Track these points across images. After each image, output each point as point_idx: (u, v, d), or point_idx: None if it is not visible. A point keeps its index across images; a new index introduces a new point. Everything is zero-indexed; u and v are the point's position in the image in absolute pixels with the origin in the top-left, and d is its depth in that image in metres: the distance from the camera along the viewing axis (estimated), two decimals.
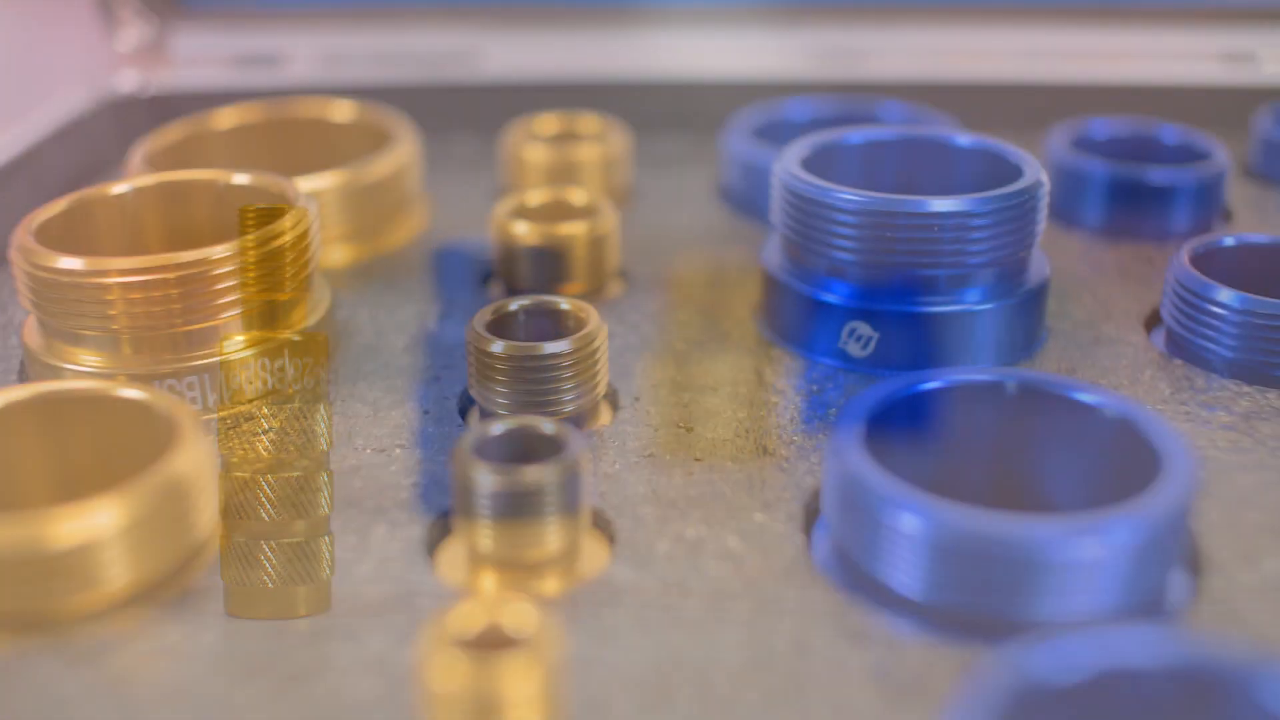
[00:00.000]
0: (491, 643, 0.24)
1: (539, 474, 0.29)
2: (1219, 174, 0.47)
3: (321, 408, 0.37)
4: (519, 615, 0.25)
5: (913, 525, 0.27)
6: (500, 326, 0.36)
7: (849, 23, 0.57)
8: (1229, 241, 0.40)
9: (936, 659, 0.27)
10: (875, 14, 0.58)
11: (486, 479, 0.29)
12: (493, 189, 0.52)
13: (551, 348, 0.35)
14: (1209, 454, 0.34)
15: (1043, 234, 0.46)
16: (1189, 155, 0.49)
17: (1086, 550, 0.27)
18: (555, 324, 0.36)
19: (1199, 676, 0.21)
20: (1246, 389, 0.37)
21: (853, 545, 0.29)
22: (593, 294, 0.42)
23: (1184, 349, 0.38)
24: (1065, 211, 0.48)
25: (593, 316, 0.36)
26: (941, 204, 0.36)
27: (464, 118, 0.56)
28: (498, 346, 0.35)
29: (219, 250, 0.36)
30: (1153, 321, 0.41)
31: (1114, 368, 0.38)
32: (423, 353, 0.39)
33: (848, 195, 0.37)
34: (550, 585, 0.30)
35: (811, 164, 0.39)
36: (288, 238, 0.37)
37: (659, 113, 0.55)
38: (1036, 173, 0.38)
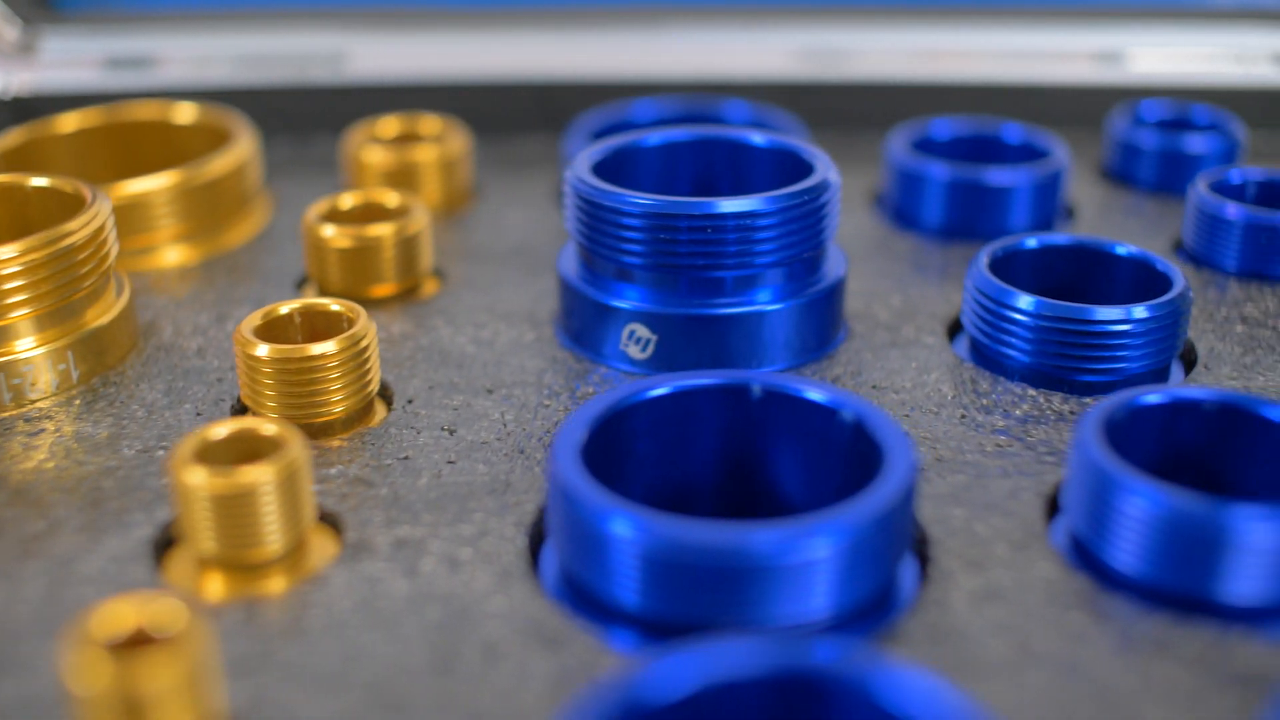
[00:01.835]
0: (135, 641, 0.24)
1: (256, 475, 0.29)
2: (1056, 173, 0.46)
3: (99, 408, 0.37)
4: (165, 613, 0.24)
5: (623, 535, 0.27)
6: (271, 330, 0.36)
7: (706, 23, 0.56)
8: (1031, 243, 0.39)
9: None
10: (739, 14, 0.57)
11: (202, 481, 0.29)
12: (337, 191, 0.52)
13: (317, 349, 0.35)
14: (971, 458, 0.33)
15: (878, 234, 0.47)
16: (1031, 155, 0.48)
17: (795, 554, 0.26)
18: (327, 326, 0.36)
19: (801, 683, 0.21)
20: (1033, 393, 0.36)
21: (568, 555, 0.29)
22: (404, 295, 0.42)
23: (981, 353, 0.38)
24: (905, 213, 0.47)
25: (361, 317, 0.36)
26: (724, 205, 0.36)
27: (330, 119, 0.56)
28: (262, 350, 0.35)
29: (6, 250, 0.36)
30: (959, 324, 0.40)
31: (901, 369, 0.37)
32: (214, 355, 0.39)
33: (630, 198, 0.36)
34: (274, 585, 0.30)
35: (606, 168, 0.39)
36: (78, 237, 0.37)
37: (520, 114, 0.55)
38: (826, 172, 0.37)
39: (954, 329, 0.40)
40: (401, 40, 0.57)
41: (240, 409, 0.36)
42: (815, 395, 0.30)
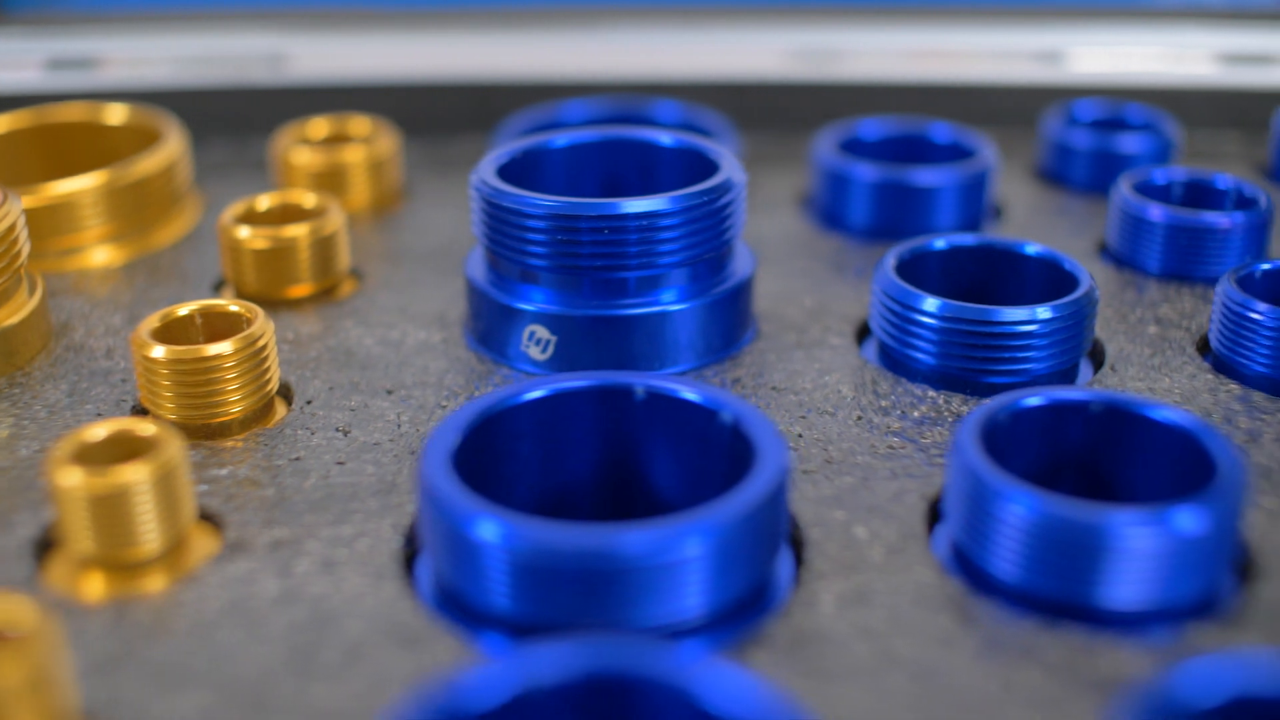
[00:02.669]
0: None
1: (130, 475, 0.29)
2: (982, 173, 0.46)
3: (1, 408, 0.37)
4: (13, 613, 0.24)
5: (489, 539, 0.27)
6: (171, 332, 0.36)
7: (643, 23, 0.56)
8: (940, 245, 0.39)
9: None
10: (675, 14, 0.57)
11: (78, 481, 0.29)
12: (269, 192, 0.52)
13: (213, 349, 0.35)
14: (861, 460, 0.33)
15: (803, 235, 0.46)
16: (959, 155, 0.48)
17: (659, 555, 0.26)
18: (228, 327, 0.36)
19: (617, 686, 0.21)
20: (932, 394, 0.36)
21: (439, 559, 0.28)
22: (320, 295, 0.42)
23: (889, 355, 0.38)
24: (832, 214, 0.47)
25: (259, 318, 0.36)
26: (624, 206, 0.36)
27: (270, 120, 0.56)
28: (158, 351, 0.35)
29: None
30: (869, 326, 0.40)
31: (803, 371, 0.37)
32: (121, 356, 0.39)
33: (531, 199, 0.36)
34: (153, 584, 0.30)
35: (514, 170, 0.39)
36: None
37: (457, 115, 0.55)
38: (730, 171, 0.37)
39: (864, 331, 0.40)
40: (342, 41, 0.57)
41: (141, 411, 0.36)
42: (693, 396, 0.30)
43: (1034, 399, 0.30)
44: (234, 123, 0.54)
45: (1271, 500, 0.32)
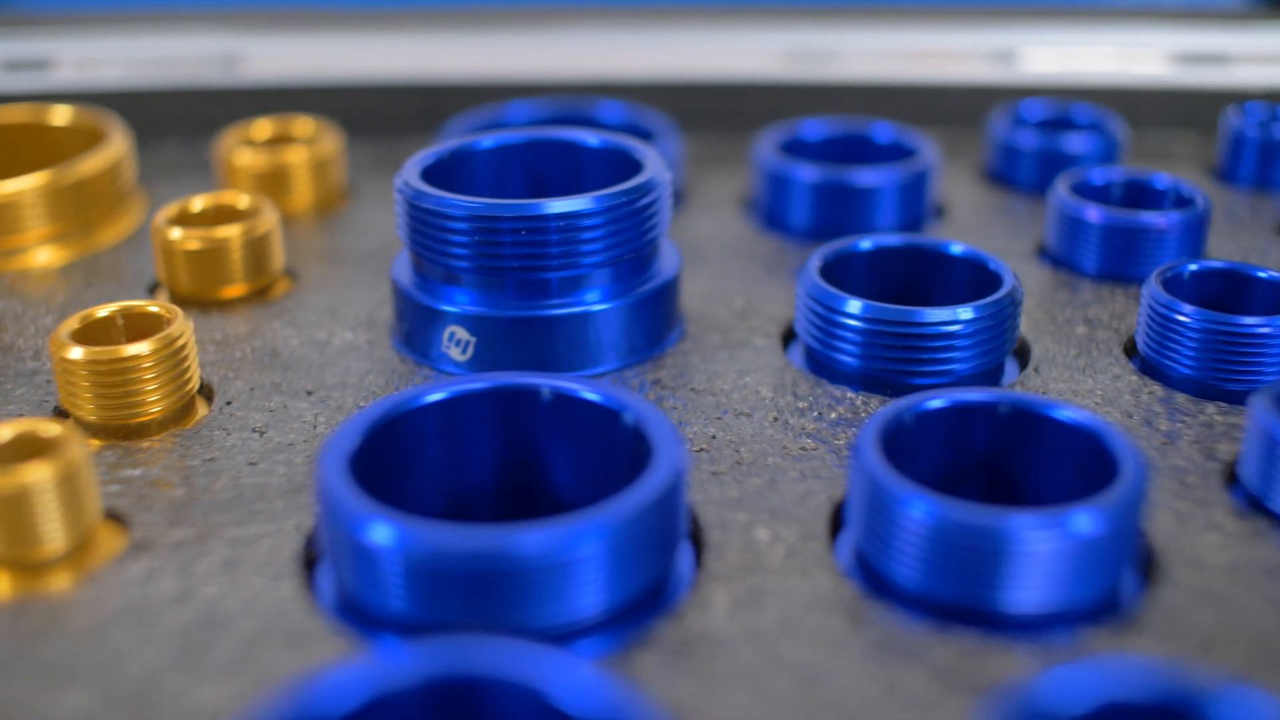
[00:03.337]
0: None
1: (32, 475, 0.29)
2: (923, 173, 0.46)
3: None
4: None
5: (382, 542, 0.26)
6: (91, 333, 0.36)
7: (591, 24, 0.56)
8: (865, 246, 0.39)
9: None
10: (623, 15, 0.57)
11: None
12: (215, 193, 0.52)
13: (131, 350, 0.35)
14: (772, 461, 0.33)
15: (743, 236, 0.46)
16: (901, 155, 0.48)
17: (551, 555, 0.26)
18: (149, 328, 0.36)
19: (470, 688, 0.21)
20: (851, 396, 0.36)
21: (336, 561, 0.28)
22: (254, 296, 0.42)
23: (813, 356, 0.38)
24: (774, 215, 0.47)
25: (178, 319, 0.36)
26: (545, 206, 0.36)
27: (222, 121, 0.56)
28: (76, 352, 0.35)
29: None
30: None
31: (724, 372, 0.37)
32: (49, 358, 0.39)
33: (451, 201, 0.36)
34: (57, 583, 0.30)
35: (440, 172, 0.39)
36: None
37: (408, 116, 0.55)
38: (654, 171, 0.37)
39: (791, 332, 0.40)
40: (294, 43, 0.57)
41: (63, 412, 0.36)
42: (595, 398, 0.30)
43: (936, 401, 0.30)
44: (186, 124, 0.54)
45: (1183, 503, 0.32)
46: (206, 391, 0.37)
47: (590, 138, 0.40)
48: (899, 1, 0.58)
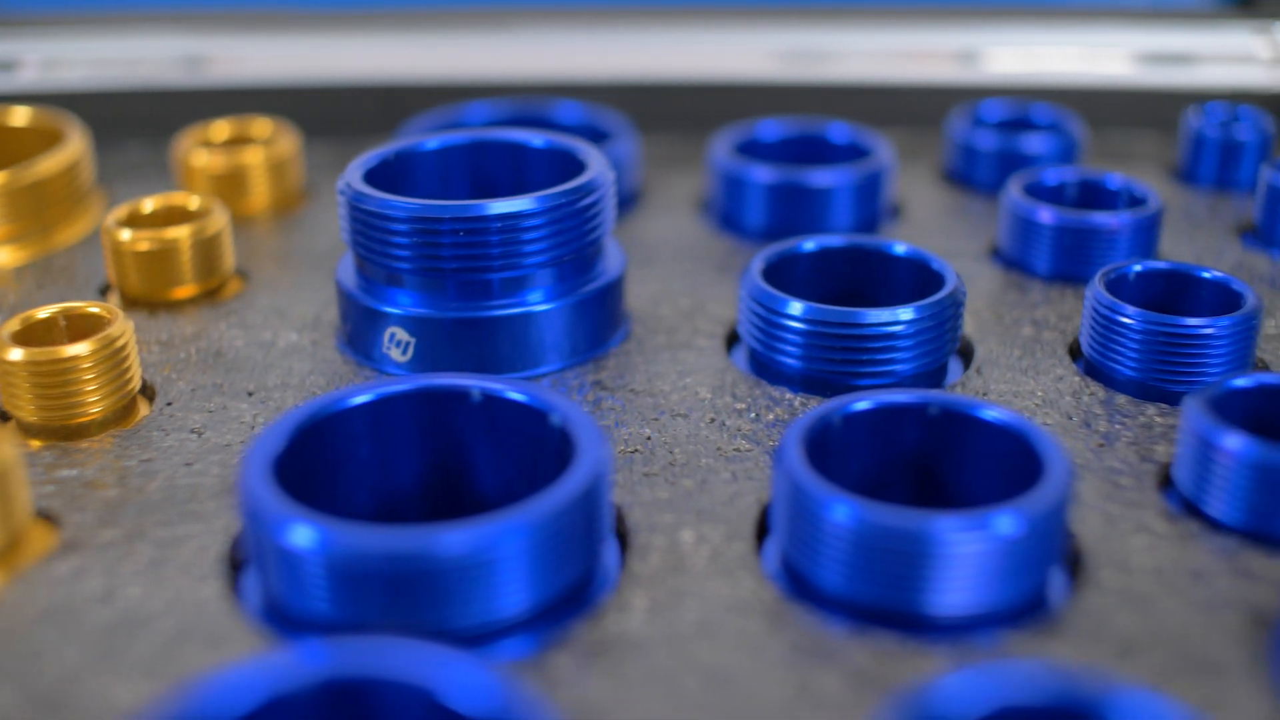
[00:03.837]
0: None
1: None
2: (877, 173, 0.46)
3: None
4: None
5: (302, 544, 0.26)
6: (33, 334, 0.36)
7: (553, 25, 0.56)
8: (809, 247, 0.39)
9: None
10: (584, 15, 0.57)
11: None
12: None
13: (71, 351, 0.35)
14: (705, 462, 0.33)
15: (697, 238, 0.46)
16: (858, 155, 0.48)
17: (469, 555, 0.26)
18: (91, 329, 0.36)
19: (360, 688, 0.21)
20: (789, 397, 0.36)
21: (259, 563, 0.29)
22: (205, 297, 0.42)
23: (756, 358, 0.38)
24: (730, 216, 0.47)
25: (118, 319, 0.36)
26: (485, 207, 0.36)
27: (188, 122, 0.56)
28: (15, 353, 0.35)
29: None
30: None
31: (665, 373, 0.37)
32: None
33: (392, 203, 0.36)
34: None
35: (384, 174, 0.39)
36: None
37: (371, 116, 0.55)
38: (596, 171, 0.37)
39: (736, 333, 0.40)
40: (258, 44, 0.57)
41: (3, 414, 0.36)
42: (521, 398, 0.30)
43: (863, 403, 0.30)
44: (150, 125, 0.54)
45: (1114, 505, 0.31)
46: (148, 392, 0.37)
47: (535, 139, 0.40)
48: (863, 2, 0.58)
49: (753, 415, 0.35)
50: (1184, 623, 0.28)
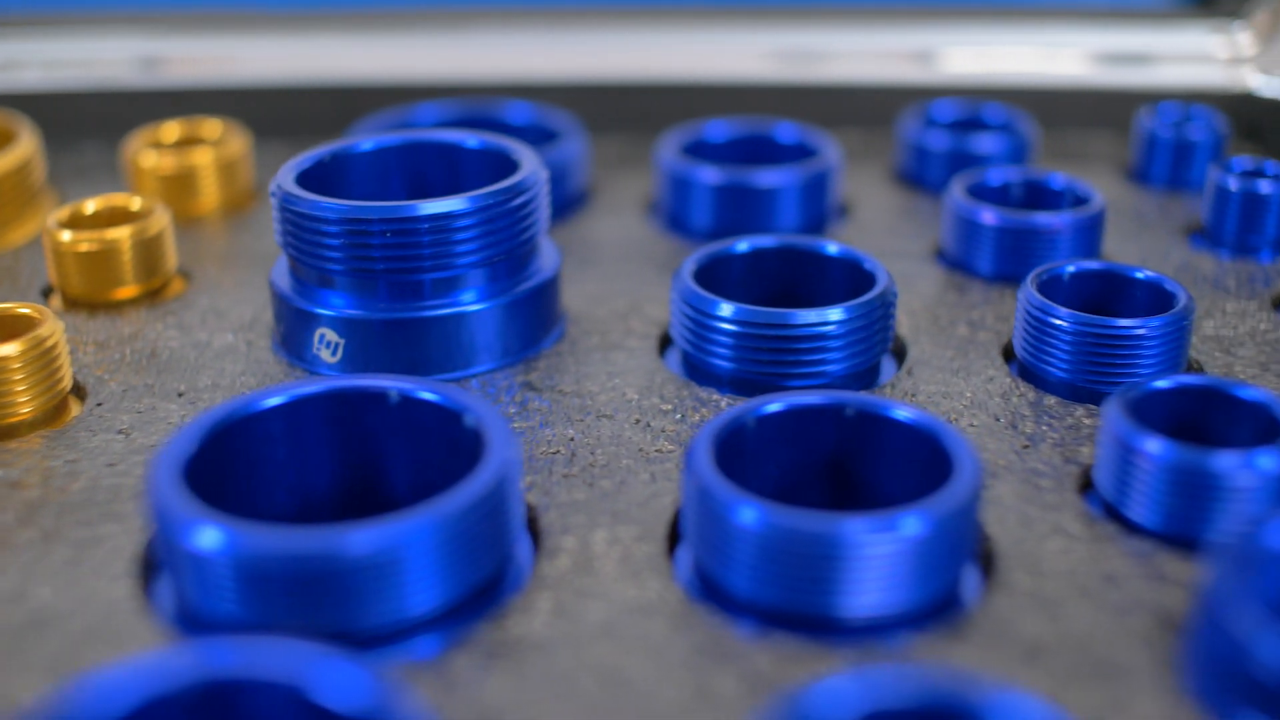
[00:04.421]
0: None
1: None
2: (823, 173, 0.46)
3: None
4: None
5: (207, 546, 0.26)
6: None
7: (507, 26, 0.56)
8: (742, 248, 0.39)
9: None
10: (539, 16, 0.57)
11: None
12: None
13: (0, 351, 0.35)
14: (625, 463, 0.33)
15: (643, 239, 0.46)
16: (804, 155, 0.48)
17: (375, 556, 0.26)
18: (21, 329, 0.36)
19: (226, 689, 0.21)
20: (716, 398, 0.36)
21: (169, 565, 0.29)
22: (147, 297, 0.42)
23: (688, 359, 0.37)
24: (677, 217, 0.47)
25: (48, 320, 0.36)
26: (415, 208, 0.36)
27: (144, 123, 0.56)
28: None
29: None
30: None
31: (595, 374, 0.37)
32: None
33: (322, 204, 0.36)
34: None
35: (319, 175, 0.39)
36: None
37: (326, 117, 0.55)
38: (528, 171, 0.37)
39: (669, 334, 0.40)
40: (214, 45, 0.57)
41: None
42: (435, 399, 0.30)
43: (774, 405, 0.30)
44: (105, 126, 0.54)
45: (1033, 507, 0.31)
46: (80, 393, 0.37)
47: (469, 139, 0.40)
48: (818, 2, 0.58)
49: (678, 416, 0.35)
50: (1092, 626, 0.28)
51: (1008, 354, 0.38)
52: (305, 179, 0.38)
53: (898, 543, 0.27)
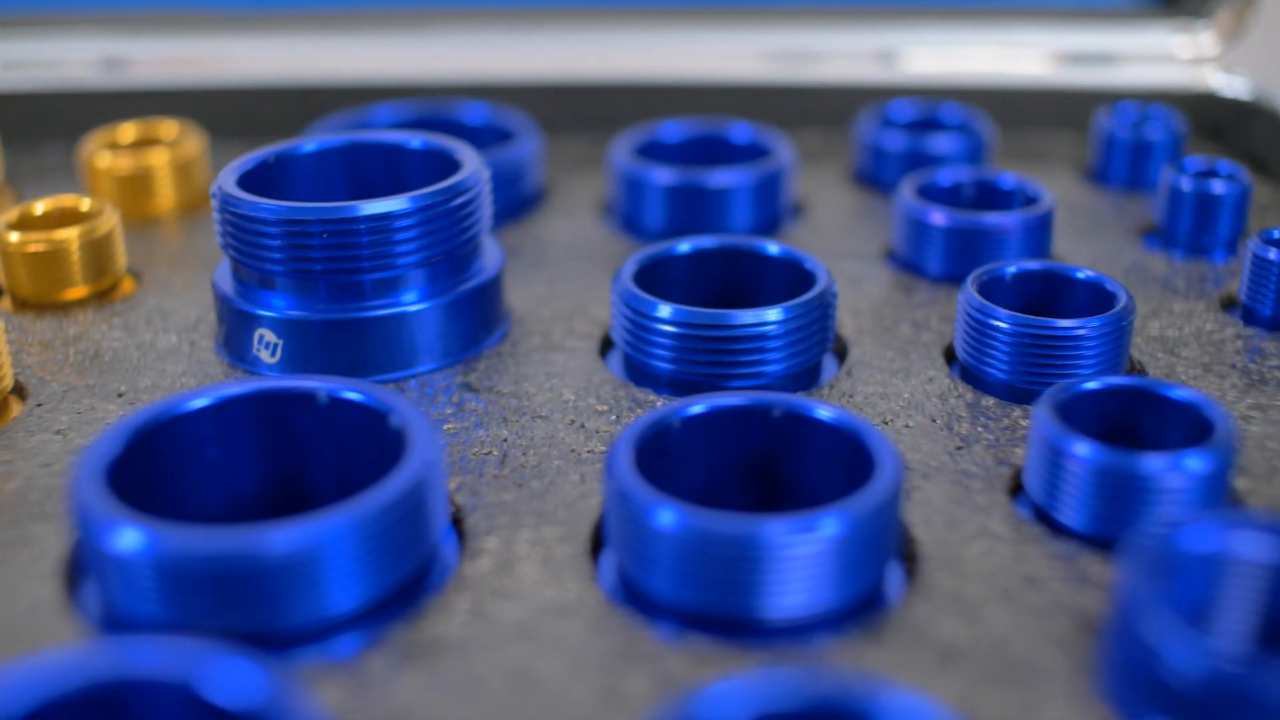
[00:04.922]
0: None
1: None
2: (776, 173, 0.46)
3: None
4: None
5: (128, 547, 0.26)
6: None
7: (469, 26, 0.56)
8: (683, 249, 0.39)
9: None
10: (500, 16, 0.57)
11: None
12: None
13: None
14: (557, 464, 0.33)
15: (595, 240, 0.46)
16: (758, 155, 0.48)
17: (295, 555, 0.26)
18: None
19: (123, 689, 0.21)
20: (654, 399, 0.36)
21: (92, 567, 0.29)
22: (97, 298, 0.42)
23: (628, 360, 0.38)
24: (631, 218, 0.47)
25: None
26: (354, 208, 0.36)
27: (105, 124, 0.56)
28: None
29: None
30: None
31: (533, 375, 0.37)
32: None
33: (261, 205, 0.36)
34: None
35: (261, 176, 0.39)
36: None
37: (286, 117, 0.55)
38: (469, 171, 0.37)
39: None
40: (177, 46, 0.57)
41: None
42: (360, 399, 0.30)
43: (697, 406, 0.30)
44: (67, 127, 0.54)
45: (961, 509, 0.31)
46: (22, 393, 0.37)
47: (412, 140, 0.40)
48: (778, 2, 0.58)
49: (613, 418, 0.35)
50: (1010, 629, 0.27)
51: (950, 355, 0.38)
52: (247, 181, 0.38)
53: (816, 543, 0.27)
